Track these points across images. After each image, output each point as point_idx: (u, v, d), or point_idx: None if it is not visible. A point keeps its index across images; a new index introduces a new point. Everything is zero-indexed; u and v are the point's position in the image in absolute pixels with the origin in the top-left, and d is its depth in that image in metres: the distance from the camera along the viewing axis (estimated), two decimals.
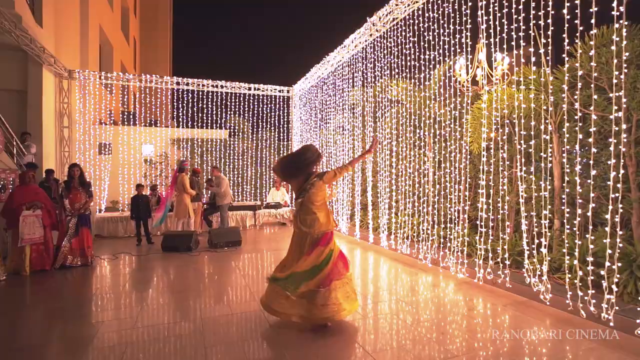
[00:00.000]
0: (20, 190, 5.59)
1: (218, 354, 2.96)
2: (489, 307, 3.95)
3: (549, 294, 3.75)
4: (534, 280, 3.94)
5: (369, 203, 7.47)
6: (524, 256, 4.13)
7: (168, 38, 24.69)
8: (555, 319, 3.56)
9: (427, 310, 3.88)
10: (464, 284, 4.71)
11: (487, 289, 4.48)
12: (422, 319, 3.65)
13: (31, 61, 8.44)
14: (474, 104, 5.14)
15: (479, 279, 4.65)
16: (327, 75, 9.49)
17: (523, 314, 3.70)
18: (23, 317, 3.88)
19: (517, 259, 4.83)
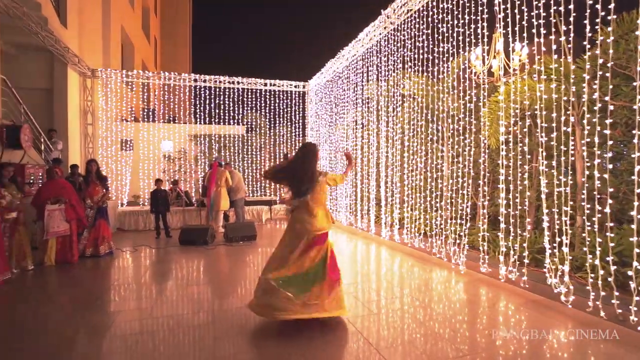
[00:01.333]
0: (47, 185, 5.83)
1: (227, 346, 3.01)
2: (505, 306, 3.84)
3: (570, 296, 3.60)
4: (555, 281, 3.80)
5: (382, 198, 7.39)
6: (544, 254, 3.98)
7: (187, 36, 25.12)
8: (576, 319, 3.42)
9: (440, 306, 3.81)
10: (479, 281, 4.60)
11: (504, 286, 4.36)
12: (435, 315, 3.59)
13: (57, 61, 8.78)
14: (491, 96, 4.97)
15: (496, 276, 4.52)
16: (341, 70, 9.41)
17: (542, 314, 3.57)
18: (47, 304, 4.07)
19: (536, 257, 4.67)
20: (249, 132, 12.82)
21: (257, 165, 12.41)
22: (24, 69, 8.67)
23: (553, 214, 4.65)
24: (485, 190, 5.34)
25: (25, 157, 6.76)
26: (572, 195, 4.80)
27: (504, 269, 4.38)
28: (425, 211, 6.04)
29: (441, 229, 5.55)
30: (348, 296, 4.12)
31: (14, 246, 5.19)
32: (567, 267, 3.71)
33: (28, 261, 5.33)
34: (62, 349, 2.99)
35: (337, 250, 6.55)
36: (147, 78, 10.45)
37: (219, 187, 8.43)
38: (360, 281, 4.77)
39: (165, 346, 3.01)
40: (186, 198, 9.80)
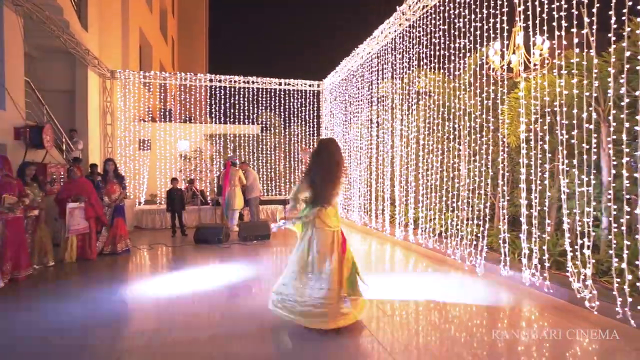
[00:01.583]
0: (68, 184, 5.98)
1: (237, 346, 3.00)
2: (525, 311, 3.70)
3: (595, 301, 3.43)
4: (579, 286, 3.64)
5: (397, 197, 7.29)
6: (566, 257, 3.82)
7: (204, 37, 25.47)
8: (601, 326, 3.25)
9: (457, 309, 3.71)
10: (497, 284, 4.46)
11: (524, 290, 4.21)
12: (450, 318, 3.50)
13: (78, 63, 9.02)
14: (511, 93, 4.81)
15: (516, 279, 4.37)
16: (356, 68, 9.33)
17: (564, 319, 3.43)
18: (65, 298, 4.18)
19: (558, 260, 4.49)
20: (264, 132, 12.88)
21: (271, 165, 12.46)
22: (48, 71, 8.95)
23: (575, 215, 4.46)
24: (505, 190, 5.18)
25: (47, 157, 6.97)
26: (596, 195, 4.60)
27: (526, 272, 4.23)
28: (440, 211, 5.91)
29: (457, 230, 5.41)
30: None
31: (36, 243, 5.35)
32: (589, 270, 3.54)
33: (49, 257, 5.48)
34: (80, 343, 3.05)
35: (351, 250, 6.50)
36: (163, 79, 10.63)
37: (233, 186, 8.49)
38: (374, 282, 4.70)
39: (178, 345, 3.03)
40: (201, 197, 9.91)
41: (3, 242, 4.53)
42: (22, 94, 6.57)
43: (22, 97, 6.55)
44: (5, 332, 3.32)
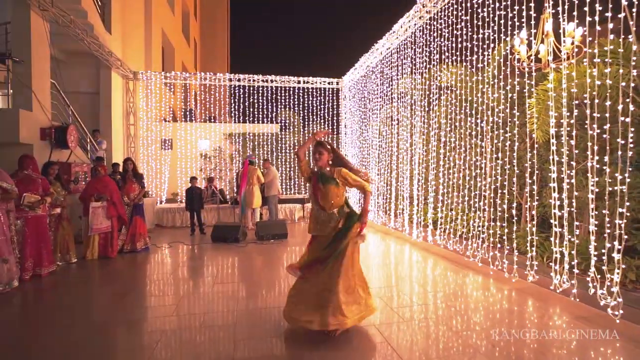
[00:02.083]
0: (92, 183, 6.11)
1: (246, 348, 2.93)
2: (550, 319, 3.44)
3: (619, 309, 3.15)
4: (601, 292, 3.36)
5: (414, 196, 7.05)
6: (602, 260, 3.52)
7: (225, 37, 25.82)
8: (635, 342, 2.97)
9: (477, 316, 3.49)
10: (523, 290, 4.19)
11: (553, 296, 3.93)
12: (472, 325, 3.29)
13: (102, 66, 9.29)
14: (538, 85, 4.50)
15: (544, 284, 4.09)
16: (375, 64, 9.12)
17: (593, 329, 3.15)
18: (86, 294, 4.26)
19: (588, 265, 4.16)
20: (282, 131, 12.87)
21: (290, 164, 12.43)
22: (74, 74, 9.26)
23: (605, 216, 4.12)
24: (534, 189, 4.86)
25: (72, 156, 7.19)
26: (637, 195, 4.23)
27: (555, 277, 3.94)
28: (462, 211, 5.65)
29: (479, 231, 5.15)
30: (379, 301, 3.91)
31: (59, 240, 5.51)
32: (617, 276, 3.25)
33: (71, 255, 5.64)
34: (94, 338, 3.07)
35: (368, 251, 6.32)
36: (183, 79, 10.79)
37: (251, 185, 8.53)
38: (391, 285, 4.53)
39: (190, 343, 2.99)
40: (220, 196, 9.99)
41: (24, 240, 4.67)
42: (48, 96, 6.79)
43: (48, 98, 6.77)
44: (29, 324, 3.40)
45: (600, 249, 3.63)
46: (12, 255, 4.37)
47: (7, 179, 4.65)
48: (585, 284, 3.73)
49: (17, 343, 3.08)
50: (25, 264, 4.64)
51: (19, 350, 2.95)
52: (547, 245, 4.53)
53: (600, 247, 3.66)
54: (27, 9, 6.18)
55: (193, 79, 10.82)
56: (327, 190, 3.15)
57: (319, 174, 3.24)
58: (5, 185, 4.61)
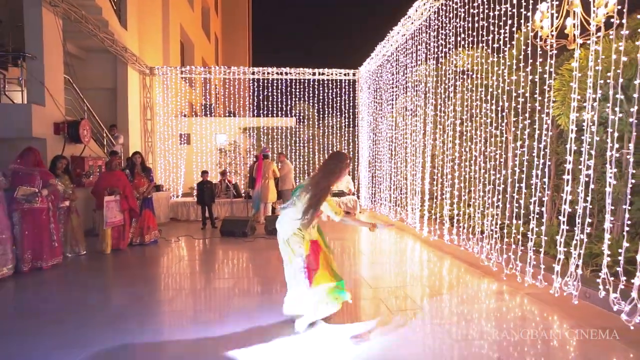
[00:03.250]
0: (105, 176, 6.16)
1: (230, 346, 2.76)
2: (575, 332, 3.04)
3: (637, 316, 2.73)
4: (614, 296, 2.93)
5: (426, 192, 6.64)
6: (635, 265, 3.07)
7: (247, 32, 25.90)
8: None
9: (488, 325, 3.14)
10: (536, 295, 3.77)
11: (583, 305, 3.50)
12: (478, 334, 2.95)
13: (119, 61, 9.43)
14: (563, 65, 4.01)
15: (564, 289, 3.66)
16: (391, 53, 8.70)
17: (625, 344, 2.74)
18: (91, 285, 4.26)
19: (622, 268, 3.67)
20: (299, 124, 12.69)
21: (305, 158, 12.24)
22: (92, 70, 9.46)
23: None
24: (559, 182, 4.37)
25: (87, 151, 7.32)
26: None
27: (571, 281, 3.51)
28: (479, 208, 5.22)
29: (491, 230, 4.72)
30: (379, 303, 3.65)
31: (68, 233, 5.59)
32: (638, 280, 2.81)
33: (81, 247, 5.72)
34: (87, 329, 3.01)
35: (378, 249, 6.02)
36: (198, 73, 10.80)
37: (266, 179, 8.40)
38: (395, 285, 4.23)
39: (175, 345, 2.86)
40: (234, 190, 9.95)
41: (21, 232, 4.69)
42: (61, 91, 6.92)
43: (61, 94, 6.90)
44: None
45: (634, 250, 3.17)
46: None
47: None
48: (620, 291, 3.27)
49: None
50: (23, 256, 4.68)
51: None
52: (575, 245, 4.06)
53: (634, 248, 3.20)
54: (38, 6, 6.29)
55: (208, 73, 10.81)
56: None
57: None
58: None
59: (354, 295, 3.88)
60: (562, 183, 4.93)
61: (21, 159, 4.90)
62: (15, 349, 2.77)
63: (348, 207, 10.13)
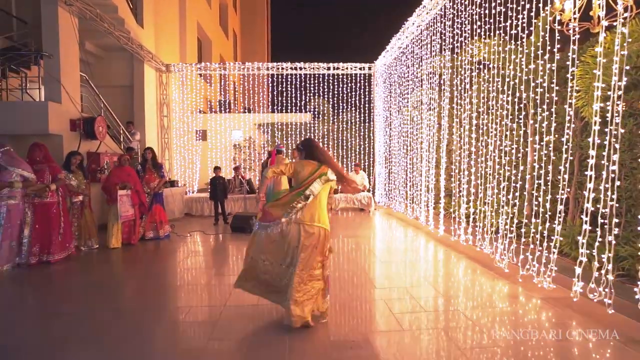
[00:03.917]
0: (115, 172, 6.27)
1: (220, 345, 2.68)
2: (593, 339, 2.78)
3: None
4: None
5: (442, 189, 6.37)
6: None
7: (265, 28, 25.94)
8: None
9: (501, 329, 2.93)
10: (552, 300, 3.50)
11: (594, 311, 3.22)
12: (490, 341, 2.75)
13: (135, 59, 9.59)
14: (586, 51, 3.67)
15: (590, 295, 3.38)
16: (406, 46, 8.41)
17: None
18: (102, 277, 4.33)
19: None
20: (315, 119, 12.56)
21: None
22: (110, 68, 9.67)
23: None
24: (591, 182, 4.03)
25: (103, 147, 7.48)
26: None
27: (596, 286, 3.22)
28: (494, 206, 4.94)
29: (511, 229, 4.44)
30: (381, 304, 3.49)
31: (82, 227, 5.71)
32: None
33: (93, 241, 5.83)
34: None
35: (389, 248, 5.84)
36: (213, 69, 10.86)
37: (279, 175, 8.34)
38: (401, 286, 4.05)
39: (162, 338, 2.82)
40: (247, 186, 9.96)
41: (31, 225, 4.83)
42: (77, 89, 7.08)
43: (77, 91, 7.06)
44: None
45: None
46: (16, 240, 4.66)
47: (27, 168, 4.87)
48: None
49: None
50: (31, 249, 4.80)
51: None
52: (600, 248, 3.74)
53: None
54: (55, 5, 6.43)
55: (222, 69, 10.85)
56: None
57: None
58: (26, 175, 4.83)
59: (355, 295, 3.75)
60: (586, 180, 4.59)
61: (29, 156, 5.04)
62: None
63: (362, 203, 9.94)
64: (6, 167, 4.69)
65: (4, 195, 4.62)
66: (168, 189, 8.48)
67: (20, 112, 6.13)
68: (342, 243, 6.13)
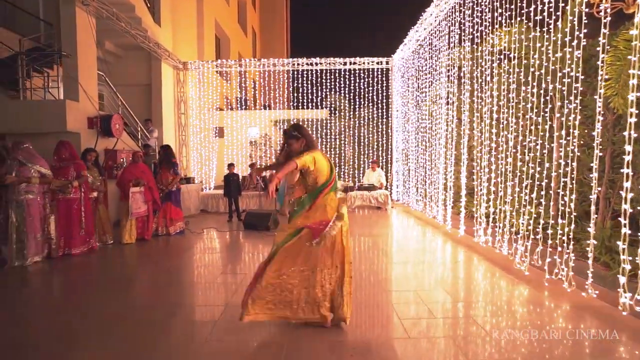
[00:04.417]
0: (129, 168, 6.36)
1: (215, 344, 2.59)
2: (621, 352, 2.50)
3: None
4: None
5: (463, 187, 6.05)
6: None
7: (284, 25, 25.90)
8: None
9: (521, 342, 2.70)
10: (587, 309, 3.21)
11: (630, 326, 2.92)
12: (511, 353, 2.53)
13: (153, 58, 9.71)
14: (618, 35, 3.32)
15: (614, 303, 3.08)
16: (424, 37, 8.09)
17: None
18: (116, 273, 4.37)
19: None
20: (332, 115, 12.39)
21: (337, 150, 11.94)
22: (129, 67, 9.86)
23: None
24: (628, 181, 3.69)
25: (120, 144, 7.60)
26: None
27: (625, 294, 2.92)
28: (515, 206, 4.62)
29: (533, 230, 4.14)
30: (391, 309, 3.31)
31: (96, 223, 5.81)
32: None
33: (108, 236, 5.93)
34: None
35: (404, 248, 5.63)
36: (229, 66, 10.86)
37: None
38: (410, 289, 3.84)
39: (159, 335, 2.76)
40: (262, 182, 9.92)
41: (56, 220, 5.04)
42: (95, 87, 7.21)
43: (95, 89, 7.19)
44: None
45: None
46: (40, 232, 4.83)
47: (44, 165, 5.00)
48: None
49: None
50: (60, 242, 5.07)
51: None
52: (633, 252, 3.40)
53: None
54: (72, 5, 6.55)
55: (238, 66, 10.84)
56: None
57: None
58: (43, 171, 4.95)
59: (363, 298, 3.58)
60: (619, 178, 4.22)
61: (57, 154, 5.24)
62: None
63: (379, 201, 9.70)
64: (25, 163, 4.84)
65: (22, 190, 4.76)
66: (184, 186, 8.54)
67: (39, 111, 6.29)
68: (357, 242, 5.96)
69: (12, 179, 4.66)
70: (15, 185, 4.70)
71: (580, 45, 3.36)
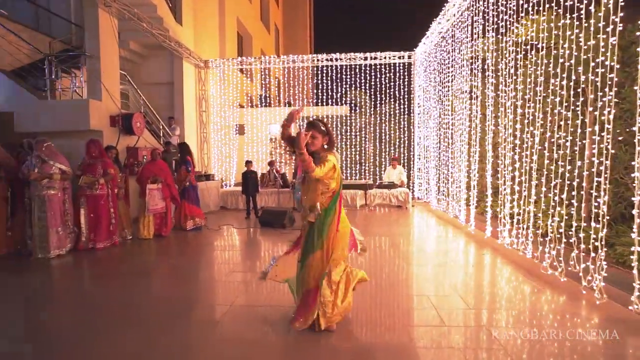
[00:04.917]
0: (148, 165, 6.49)
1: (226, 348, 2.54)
2: None
3: None
4: None
5: (489, 186, 5.72)
6: None
7: (307, 21, 25.80)
8: None
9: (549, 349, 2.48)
10: (621, 321, 2.91)
11: None
12: None
13: (175, 57, 9.88)
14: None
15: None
16: (446, 30, 7.74)
17: None
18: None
19: None
20: (352, 112, 12.19)
21: (357, 147, 11.74)
22: (152, 66, 10.08)
23: None
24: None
25: (142, 142, 7.77)
26: None
27: None
28: (542, 207, 4.31)
29: (564, 233, 3.82)
30: (403, 314, 3.15)
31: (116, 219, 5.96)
32: None
33: (127, 232, 6.08)
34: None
35: (422, 250, 5.42)
36: (249, 64, 10.89)
37: None
38: (425, 294, 3.64)
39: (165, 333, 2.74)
40: (281, 180, 9.90)
41: (86, 215, 5.32)
42: (117, 86, 7.40)
43: (117, 89, 7.38)
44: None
45: None
46: (62, 226, 5.04)
47: (65, 162, 5.17)
48: None
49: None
50: (90, 235, 5.35)
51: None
52: None
53: None
54: (95, 7, 6.73)
55: (258, 63, 10.84)
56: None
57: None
58: (64, 168, 5.12)
59: (373, 301, 3.43)
60: None
61: (87, 152, 5.49)
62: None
63: (399, 200, 9.45)
64: (47, 160, 5.02)
65: (44, 185, 4.94)
66: (203, 183, 8.65)
67: (64, 110, 6.53)
68: (374, 241, 5.79)
69: (35, 175, 4.85)
70: (38, 181, 4.89)
71: (616, 31, 3.04)
